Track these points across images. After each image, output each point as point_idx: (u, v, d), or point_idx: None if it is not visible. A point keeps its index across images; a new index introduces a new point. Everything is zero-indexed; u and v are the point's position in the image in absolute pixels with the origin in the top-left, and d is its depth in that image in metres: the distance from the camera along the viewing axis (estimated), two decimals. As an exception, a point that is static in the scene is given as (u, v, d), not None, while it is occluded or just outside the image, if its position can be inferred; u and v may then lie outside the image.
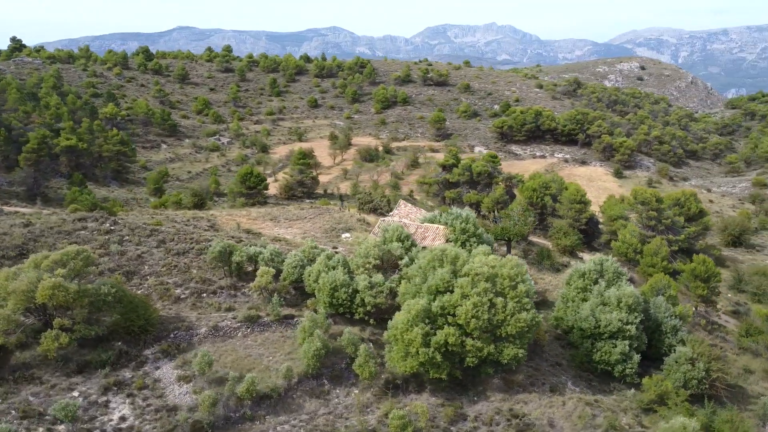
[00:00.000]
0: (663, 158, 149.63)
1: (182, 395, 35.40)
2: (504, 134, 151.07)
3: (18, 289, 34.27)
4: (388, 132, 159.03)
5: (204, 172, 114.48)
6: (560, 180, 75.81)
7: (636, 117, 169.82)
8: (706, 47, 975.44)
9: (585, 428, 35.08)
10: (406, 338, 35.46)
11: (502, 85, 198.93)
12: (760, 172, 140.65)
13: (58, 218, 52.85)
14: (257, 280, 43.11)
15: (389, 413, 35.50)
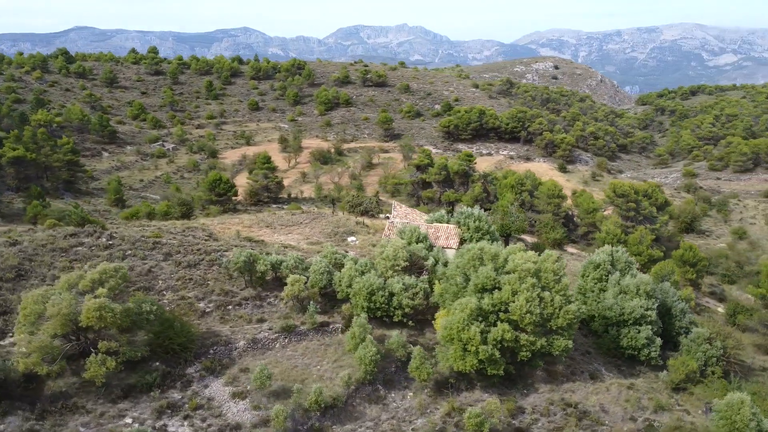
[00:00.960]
0: (599, 152, 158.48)
1: (241, 412, 34.15)
2: (450, 133, 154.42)
3: (59, 312, 31.73)
4: (335, 134, 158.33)
5: (157, 180, 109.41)
6: (533, 176, 78.86)
7: (569, 114, 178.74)
8: (602, 47, 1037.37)
9: (635, 411, 36.99)
10: (464, 337, 35.92)
11: (439, 85, 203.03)
12: (686, 164, 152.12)
13: (46, 235, 49.08)
14: (289, 288, 42.06)
15: (450, 412, 35.97)
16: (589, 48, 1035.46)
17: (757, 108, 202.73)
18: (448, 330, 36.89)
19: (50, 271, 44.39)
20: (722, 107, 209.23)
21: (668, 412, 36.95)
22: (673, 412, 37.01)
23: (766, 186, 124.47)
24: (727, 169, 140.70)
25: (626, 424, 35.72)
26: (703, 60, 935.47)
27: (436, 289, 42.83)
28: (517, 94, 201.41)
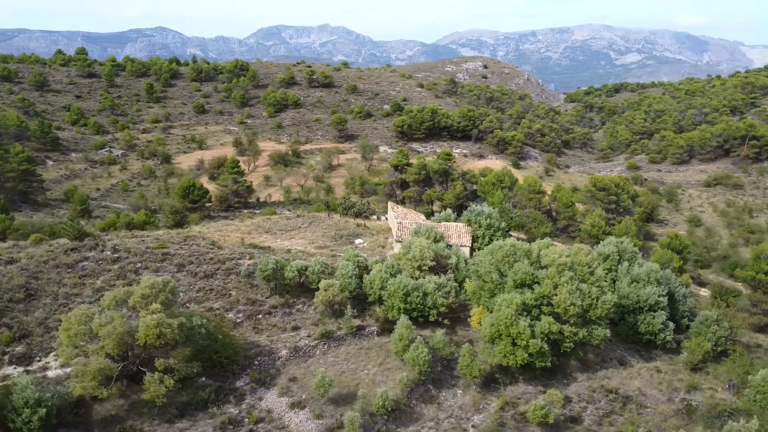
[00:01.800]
0: (546, 149, 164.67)
1: (303, 422, 33.56)
2: (404, 133, 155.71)
3: (114, 331, 30.01)
4: (288, 136, 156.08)
5: (114, 189, 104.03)
6: (510, 174, 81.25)
7: (515, 112, 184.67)
8: (519, 47, 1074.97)
9: (670, 392, 39.15)
10: (513, 332, 36.80)
11: (385, 85, 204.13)
12: (627, 157, 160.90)
13: (43, 251, 45.98)
14: (322, 294, 41.50)
15: (504, 407, 36.78)
16: (507, 48, 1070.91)
17: (681, 104, 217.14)
18: (495, 326, 37.64)
19: (60, 288, 41.69)
20: (650, 103, 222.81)
21: (699, 391, 39.34)
22: (704, 391, 39.44)
23: (702, 176, 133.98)
24: (666, 161, 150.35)
25: (666, 405, 37.76)
26: (611, 59, 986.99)
27: (467, 287, 43.52)
28: (462, 94, 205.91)
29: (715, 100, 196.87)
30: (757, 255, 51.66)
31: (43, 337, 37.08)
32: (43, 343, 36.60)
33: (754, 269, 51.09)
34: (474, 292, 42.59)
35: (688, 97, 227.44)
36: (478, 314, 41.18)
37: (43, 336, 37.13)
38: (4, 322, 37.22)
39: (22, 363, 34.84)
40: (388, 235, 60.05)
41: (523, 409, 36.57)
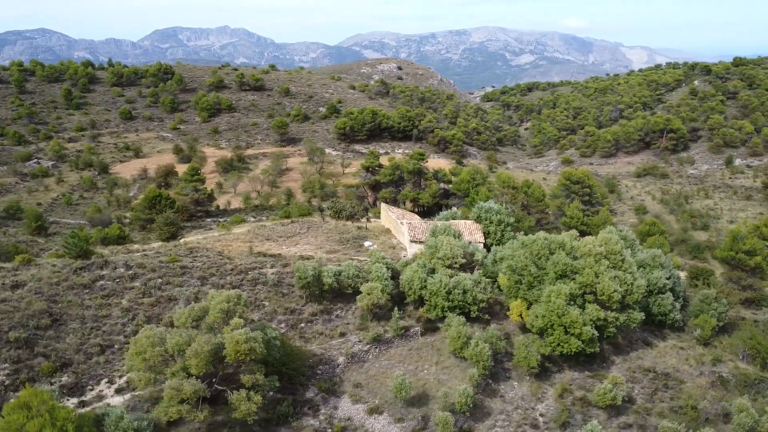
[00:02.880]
0: (483, 146, 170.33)
1: (386, 427, 33.41)
2: (346, 135, 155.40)
3: (202, 350, 28.44)
4: (227, 141, 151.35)
5: (57, 203, 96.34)
6: (480, 171, 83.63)
7: (448, 112, 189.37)
8: (420, 49, 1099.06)
9: (699, 366, 42.29)
10: (566, 321, 38.36)
11: (318, 87, 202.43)
12: (558, 152, 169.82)
13: (50, 272, 42.37)
14: (366, 298, 41.17)
15: (562, 394, 38.25)
16: (408, 49, 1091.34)
17: (594, 101, 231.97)
18: (547, 317, 39.00)
19: (86, 311, 38.69)
20: (567, 101, 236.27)
21: (723, 363, 42.78)
22: (727, 363, 42.93)
23: (630, 168, 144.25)
24: (595, 154, 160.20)
25: (701, 379, 40.78)
26: (507, 60, 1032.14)
27: (501, 282, 44.67)
28: (395, 95, 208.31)
29: (626, 97, 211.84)
30: (735, 236, 56.74)
31: (86, 364, 34.33)
32: (89, 370, 33.90)
33: (734, 249, 56.03)
34: (510, 286, 43.79)
35: (599, 94, 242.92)
36: (518, 307, 42.35)
37: (85, 363, 34.36)
38: (39, 352, 34.09)
39: (74, 394, 32.14)
40: (389, 236, 60.19)
41: (579, 395, 38.22)
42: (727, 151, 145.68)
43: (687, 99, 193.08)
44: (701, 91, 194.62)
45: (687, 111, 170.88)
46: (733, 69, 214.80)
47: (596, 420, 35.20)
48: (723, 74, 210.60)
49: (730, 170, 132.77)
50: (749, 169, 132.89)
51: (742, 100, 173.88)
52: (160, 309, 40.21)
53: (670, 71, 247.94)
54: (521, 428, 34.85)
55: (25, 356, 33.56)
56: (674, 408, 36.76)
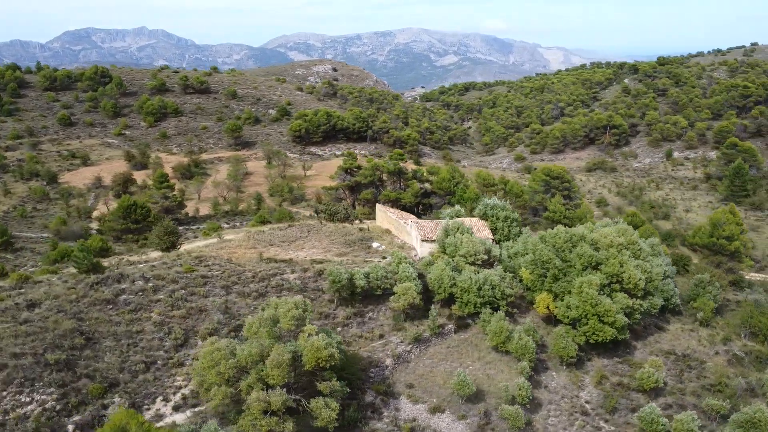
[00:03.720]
0: (436, 146, 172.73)
1: (451, 424, 33.80)
2: (301, 137, 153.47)
3: (283, 360, 27.75)
4: (177, 146, 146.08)
5: (8, 215, 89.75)
6: (458, 170, 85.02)
7: (399, 112, 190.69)
8: (346, 50, 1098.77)
9: (712, 346, 45.02)
10: (600, 310, 39.92)
11: (264, 89, 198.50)
12: (509, 150, 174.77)
13: (65, 289, 39.86)
14: (401, 298, 41.25)
15: (600, 380, 39.78)
16: (335, 51, 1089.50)
17: (534, 100, 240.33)
18: (580, 308, 40.41)
19: (117, 327, 36.72)
20: (509, 100, 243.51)
21: (732, 342, 45.73)
22: (735, 342, 45.92)
23: (579, 162, 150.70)
24: (544, 151, 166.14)
25: (717, 357, 43.43)
26: (432, 60, 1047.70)
27: (523, 276, 45.80)
28: (343, 96, 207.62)
29: (564, 96, 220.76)
30: (714, 223, 60.69)
31: (134, 382, 32.62)
32: (139, 389, 32.24)
33: (715, 235, 59.92)
34: (534, 280, 44.99)
35: (538, 93, 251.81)
36: (545, 300, 43.55)
37: (132, 381, 32.62)
38: (81, 373, 32.05)
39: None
40: (392, 236, 60.22)
41: (616, 380, 39.90)
42: (665, 145, 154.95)
43: (621, 96, 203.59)
44: (634, 89, 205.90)
45: (624, 108, 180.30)
46: (660, 68, 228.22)
47: (637, 403, 36.91)
48: (651, 73, 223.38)
49: (671, 162, 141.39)
50: (688, 161, 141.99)
51: (672, 96, 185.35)
52: (193, 321, 38.66)
53: (601, 70, 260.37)
54: (573, 416, 36.00)
55: (69, 379, 31.50)
56: (705, 386, 39.00)
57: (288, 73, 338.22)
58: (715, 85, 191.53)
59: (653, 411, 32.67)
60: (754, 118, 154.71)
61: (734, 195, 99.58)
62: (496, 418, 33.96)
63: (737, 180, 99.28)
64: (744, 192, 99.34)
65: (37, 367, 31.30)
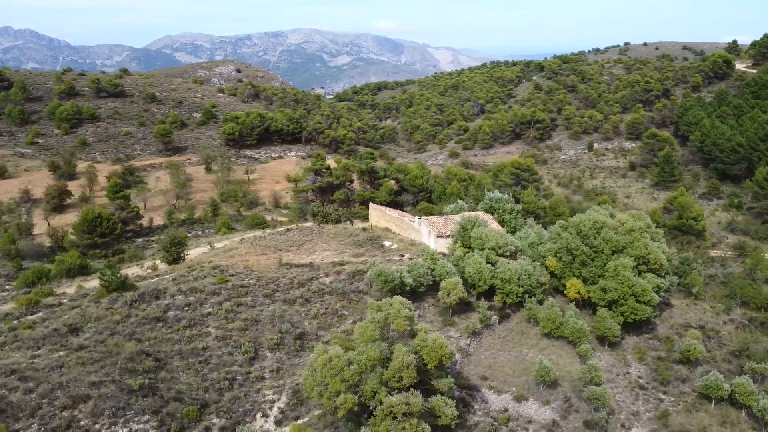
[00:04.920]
0: (369, 144, 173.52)
1: (539, 410, 34.87)
2: (235, 140, 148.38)
3: (410, 362, 27.54)
4: (101, 153, 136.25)
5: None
6: (425, 167, 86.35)
7: (328, 112, 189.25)
8: (236, 51, 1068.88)
9: (718, 317, 49.37)
10: (637, 290, 42.63)
11: (183, 92, 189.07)
12: (440, 147, 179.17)
13: (102, 311, 36.74)
14: (452, 292, 41.70)
15: (642, 357, 42.52)
16: (224, 52, 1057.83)
17: (451, 98, 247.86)
18: (618, 290, 42.88)
19: (178, 345, 34.42)
20: (428, 98, 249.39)
21: (732, 311, 50.37)
22: (735, 311, 50.60)
23: (510, 156, 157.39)
24: (475, 146, 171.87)
25: (727, 326, 47.69)
26: (326, 61, 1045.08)
27: (550, 264, 47.77)
28: (267, 97, 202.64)
29: (482, 93, 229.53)
30: (683, 206, 66.34)
31: (223, 400, 30.70)
32: (233, 407, 30.54)
33: (684, 217, 65.52)
34: (561, 267, 47.07)
35: (453, 90, 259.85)
36: (575, 285, 45.69)
37: (221, 400, 30.71)
38: (168, 396, 29.74)
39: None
40: (395, 234, 60.33)
41: (655, 355, 42.79)
42: (584, 137, 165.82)
43: (534, 93, 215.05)
44: (546, 85, 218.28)
45: (540, 104, 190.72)
46: (564, 65, 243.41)
47: (680, 374, 39.92)
48: (557, 70, 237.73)
49: (594, 153, 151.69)
50: (608, 152, 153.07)
51: (582, 92, 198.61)
52: (253, 333, 36.90)
53: (510, 68, 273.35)
54: (634, 391, 38.28)
55: (159, 403, 29.11)
56: (732, 353, 42.78)
57: (188, 75, 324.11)
58: (617, 81, 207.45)
59: (717, 378, 35.56)
60: (659, 111, 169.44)
61: (664, 180, 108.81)
62: (577, 400, 35.41)
63: (667, 166, 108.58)
64: (672, 177, 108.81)
65: (122, 395, 28.66)
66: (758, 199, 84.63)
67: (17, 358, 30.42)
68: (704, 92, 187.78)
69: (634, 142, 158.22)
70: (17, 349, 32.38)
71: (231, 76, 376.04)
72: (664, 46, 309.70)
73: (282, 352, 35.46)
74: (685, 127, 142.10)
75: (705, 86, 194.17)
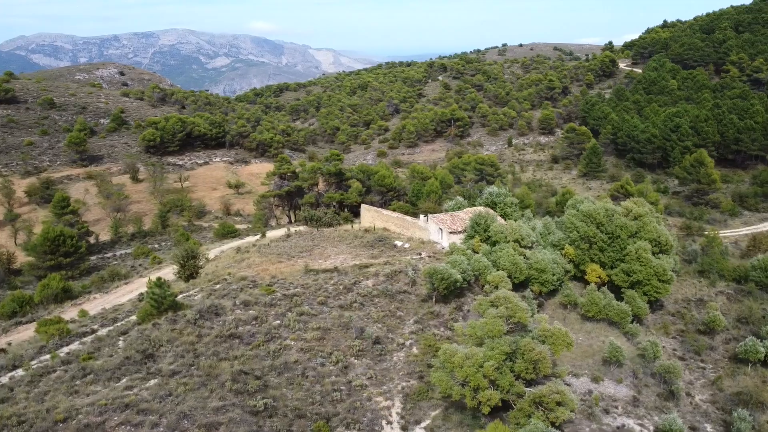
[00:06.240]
0: (294, 147, 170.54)
1: (615, 389, 36.78)
2: (156, 147, 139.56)
3: (544, 351, 28.44)
4: (3, 166, 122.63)
5: None
6: (387, 166, 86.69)
7: (248, 115, 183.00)
8: (103, 53, 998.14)
9: (709, 290, 54.55)
10: (659, 270, 46.33)
11: (84, 96, 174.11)
12: (366, 147, 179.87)
13: (166, 332, 34.06)
14: (499, 285, 42.86)
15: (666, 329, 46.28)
16: (89, 54, 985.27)
17: (360, 98, 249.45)
18: (642, 272, 46.27)
19: (267, 361, 32.43)
20: (339, 99, 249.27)
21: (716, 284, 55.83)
22: (717, 284, 56.09)
23: (438, 154, 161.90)
24: (401, 145, 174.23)
25: (721, 297, 52.86)
26: (203, 63, 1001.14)
27: (568, 252, 50.47)
28: (178, 101, 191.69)
29: (393, 93, 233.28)
30: (641, 191, 72.36)
31: (341, 414, 29.61)
32: (356, 419, 29.61)
33: (652, 197, 71.60)
34: (579, 254, 49.89)
35: (362, 91, 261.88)
36: (596, 270, 48.68)
37: (338, 414, 29.60)
38: (293, 414, 28.19)
39: (377, 444, 27.82)
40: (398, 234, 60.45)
41: (676, 328, 46.78)
42: (501, 134, 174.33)
43: (444, 92, 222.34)
44: (456, 85, 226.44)
45: (454, 103, 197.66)
46: (467, 66, 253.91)
47: (704, 342, 44.04)
48: (461, 70, 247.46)
49: (515, 148, 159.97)
50: (527, 146, 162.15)
51: (491, 91, 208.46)
52: (332, 341, 35.74)
53: (414, 68, 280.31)
54: (672, 359, 41.55)
55: (287, 423, 27.56)
56: (740, 319, 47.63)
57: (65, 79, 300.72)
58: (521, 80, 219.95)
59: (755, 342, 39.61)
60: (565, 107, 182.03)
61: (592, 171, 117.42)
62: (644, 376, 37.90)
63: (594, 158, 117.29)
64: (599, 168, 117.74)
65: (250, 417, 26.86)
66: (686, 183, 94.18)
67: (116, 392, 27.40)
68: (596, 89, 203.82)
69: (547, 136, 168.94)
70: (95, 381, 29.13)
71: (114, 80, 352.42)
72: (537, 47, 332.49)
73: (367, 358, 34.72)
74: (594, 121, 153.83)
75: (597, 83, 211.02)
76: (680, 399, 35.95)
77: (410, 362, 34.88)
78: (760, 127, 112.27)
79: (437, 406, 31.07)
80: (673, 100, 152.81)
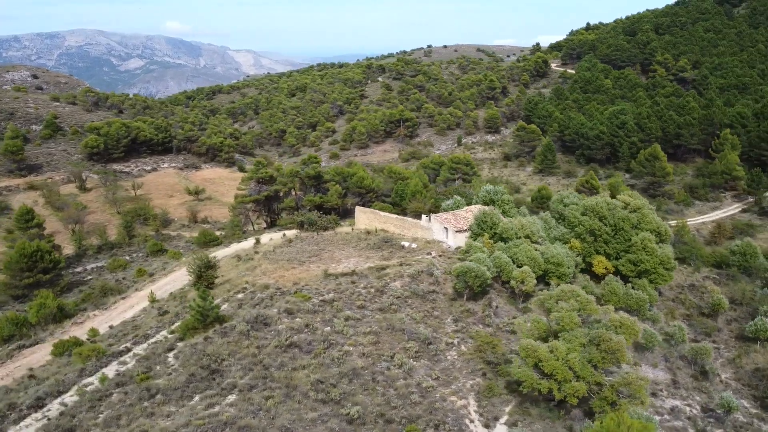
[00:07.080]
0: (242, 151, 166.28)
1: (652, 372, 38.67)
2: (99, 154, 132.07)
3: (621, 341, 29.61)
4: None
5: None
6: (362, 168, 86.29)
7: (194, 119, 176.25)
8: (2, 55, 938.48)
9: (698, 274, 58.20)
10: (664, 259, 49.04)
11: (10, 102, 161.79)
12: (316, 149, 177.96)
13: (222, 345, 32.80)
14: (527, 280, 44.08)
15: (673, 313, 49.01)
16: None
17: (302, 100, 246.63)
18: (649, 262, 48.84)
19: (337, 368, 32.04)
20: (279, 101, 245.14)
21: (700, 270, 59.62)
22: (702, 269, 59.94)
23: (391, 155, 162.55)
24: (352, 147, 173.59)
25: (709, 282, 56.50)
26: (114, 65, 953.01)
27: (574, 245, 52.44)
28: (115, 105, 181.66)
29: (335, 95, 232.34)
30: (612, 185, 76.11)
31: (424, 414, 29.54)
32: (438, 420, 29.44)
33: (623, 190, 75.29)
34: (585, 247, 51.99)
35: (301, 93, 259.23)
36: (602, 261, 50.93)
37: (419, 416, 29.47)
38: (382, 420, 27.86)
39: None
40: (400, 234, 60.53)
41: (681, 312, 49.60)
42: (449, 133, 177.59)
43: (386, 93, 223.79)
44: (398, 86, 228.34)
45: (399, 103, 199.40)
46: (406, 66, 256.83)
47: (711, 324, 47.08)
48: (401, 71, 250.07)
49: (465, 147, 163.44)
50: (476, 145, 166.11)
51: (434, 91, 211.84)
52: (388, 344, 35.45)
53: (353, 70, 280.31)
54: (691, 344, 44.14)
55: (381, 429, 27.17)
56: (734, 301, 51.13)
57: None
58: (461, 80, 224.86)
59: (764, 322, 42.71)
60: (508, 106, 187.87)
61: (547, 168, 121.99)
62: (674, 359, 40.03)
63: (549, 155, 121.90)
64: (554, 164, 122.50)
65: (347, 426, 26.31)
66: (639, 176, 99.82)
67: (199, 411, 26.04)
68: (532, 88, 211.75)
69: (494, 135, 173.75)
70: (166, 402, 27.57)
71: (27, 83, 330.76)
72: (461, 48, 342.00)
73: (424, 359, 34.73)
74: (538, 119, 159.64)
75: (532, 83, 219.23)
76: (713, 379, 38.25)
77: (467, 360, 35.19)
78: (696, 122, 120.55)
79: (507, 402, 31.58)
80: (609, 98, 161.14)
